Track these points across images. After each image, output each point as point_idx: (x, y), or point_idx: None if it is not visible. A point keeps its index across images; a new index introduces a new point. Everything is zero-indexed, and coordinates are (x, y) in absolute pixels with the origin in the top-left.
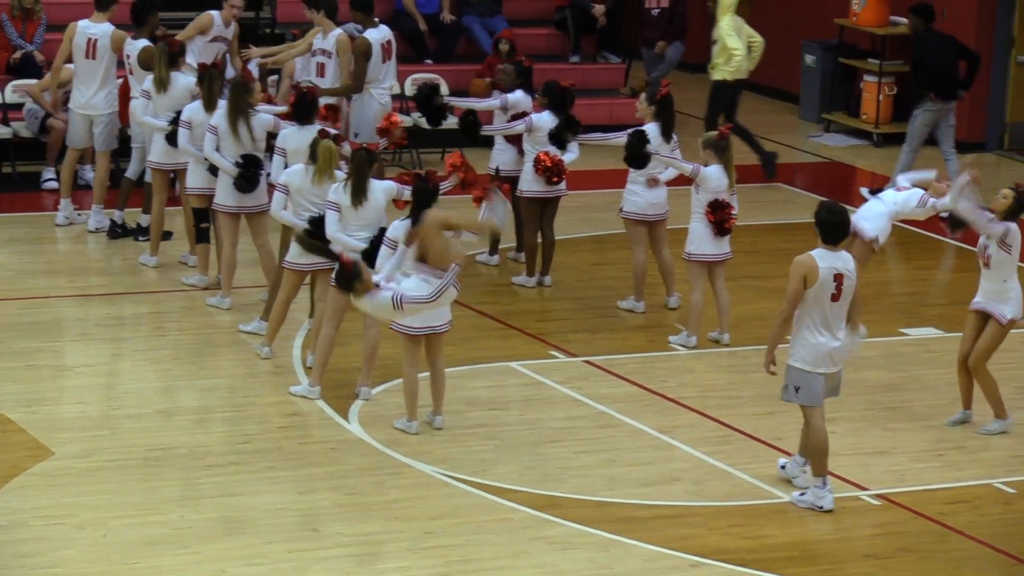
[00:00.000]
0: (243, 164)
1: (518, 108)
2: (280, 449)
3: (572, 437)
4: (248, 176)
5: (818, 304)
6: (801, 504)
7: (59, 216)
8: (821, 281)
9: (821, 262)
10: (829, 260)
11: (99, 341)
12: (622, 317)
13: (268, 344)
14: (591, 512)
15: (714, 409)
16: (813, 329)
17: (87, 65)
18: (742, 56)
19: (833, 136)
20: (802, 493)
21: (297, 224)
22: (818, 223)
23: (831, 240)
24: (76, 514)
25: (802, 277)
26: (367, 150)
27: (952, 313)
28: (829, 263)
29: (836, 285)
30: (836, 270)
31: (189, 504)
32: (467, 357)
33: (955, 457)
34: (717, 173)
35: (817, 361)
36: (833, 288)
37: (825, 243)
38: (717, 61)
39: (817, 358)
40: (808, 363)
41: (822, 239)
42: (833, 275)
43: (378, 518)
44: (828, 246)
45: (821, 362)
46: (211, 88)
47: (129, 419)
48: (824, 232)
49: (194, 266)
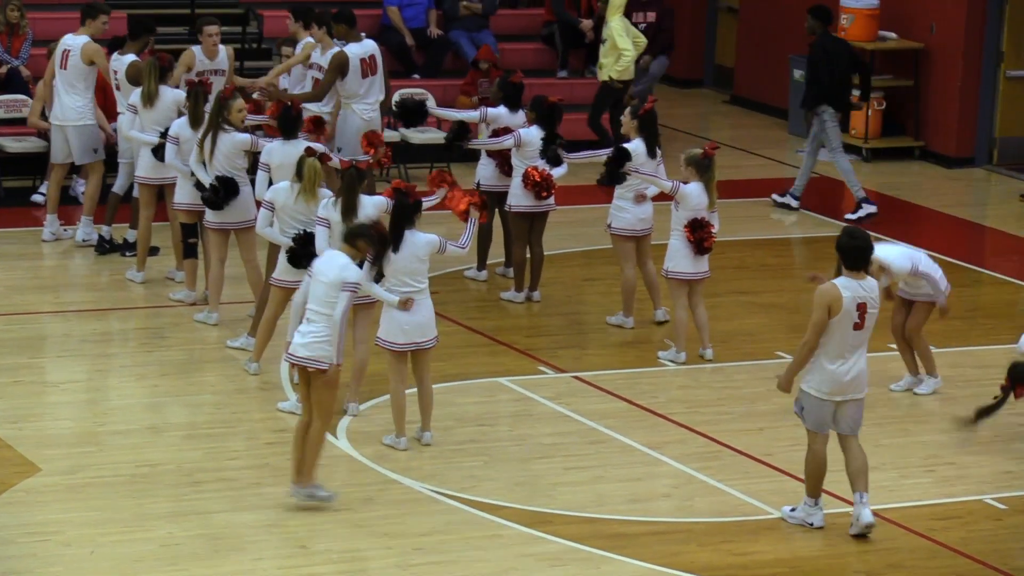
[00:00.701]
0: (216, 183)
1: (498, 123)
2: (268, 465)
3: (561, 453)
4: (217, 192)
5: (838, 332)
6: (791, 520)
7: (45, 232)
8: (845, 310)
9: (845, 291)
10: (853, 288)
11: (86, 357)
12: (611, 333)
13: (256, 360)
14: (581, 528)
15: (703, 425)
16: (830, 357)
17: (60, 76)
18: (631, 57)
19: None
20: (793, 508)
21: (283, 241)
22: (839, 249)
23: (854, 266)
24: (63, 531)
25: (826, 307)
26: (357, 167)
27: (942, 328)
28: (853, 291)
29: (859, 314)
30: (859, 299)
31: (177, 521)
32: (455, 373)
33: (946, 472)
34: (697, 191)
35: (831, 390)
36: (856, 317)
37: (848, 270)
38: (605, 61)
39: (831, 386)
40: (820, 391)
41: (845, 266)
42: (856, 304)
43: (367, 535)
44: (851, 273)
45: (834, 390)
46: (196, 105)
47: (116, 435)
48: (846, 258)
49: (181, 282)
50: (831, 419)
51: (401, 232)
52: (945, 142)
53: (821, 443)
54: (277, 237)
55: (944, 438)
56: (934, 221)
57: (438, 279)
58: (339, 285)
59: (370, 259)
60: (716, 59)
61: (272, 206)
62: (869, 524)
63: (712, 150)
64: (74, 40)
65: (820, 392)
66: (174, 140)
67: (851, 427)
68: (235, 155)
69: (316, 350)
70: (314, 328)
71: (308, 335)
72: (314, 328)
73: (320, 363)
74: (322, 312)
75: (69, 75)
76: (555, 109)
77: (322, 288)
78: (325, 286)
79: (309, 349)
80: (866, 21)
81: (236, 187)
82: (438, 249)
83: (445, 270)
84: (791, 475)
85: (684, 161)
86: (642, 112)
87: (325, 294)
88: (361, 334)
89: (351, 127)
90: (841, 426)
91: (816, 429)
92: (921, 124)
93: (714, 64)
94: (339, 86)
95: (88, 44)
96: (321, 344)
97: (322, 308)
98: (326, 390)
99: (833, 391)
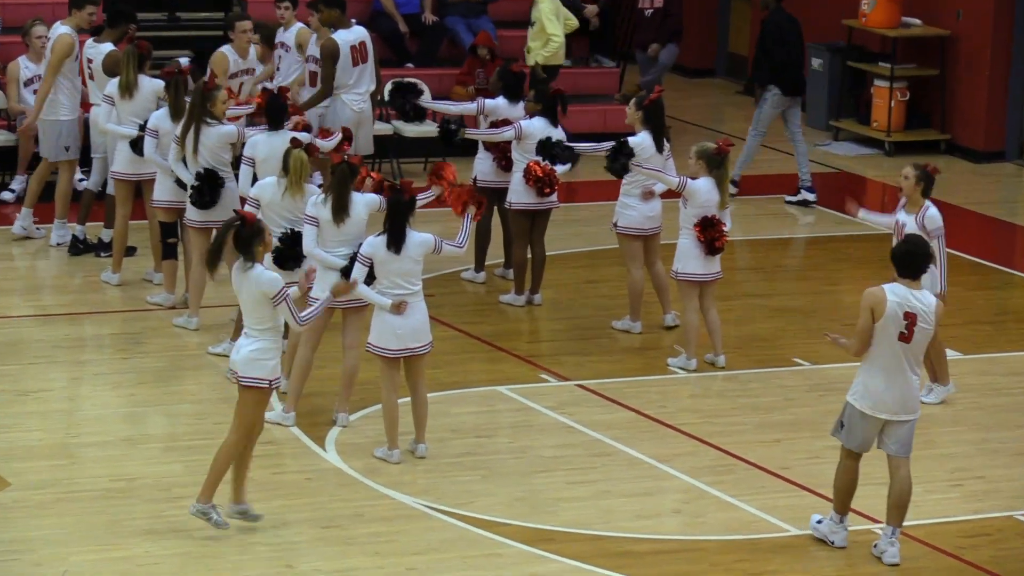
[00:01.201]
0: (200, 179)
1: (497, 115)
2: (252, 480)
3: (564, 466)
4: (201, 191)
5: (884, 341)
6: (815, 532)
7: (15, 225)
8: (888, 316)
9: (891, 296)
10: (902, 296)
11: (58, 364)
12: (617, 338)
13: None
14: (585, 547)
15: (715, 436)
16: (876, 368)
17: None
18: (561, 43)
19: (842, 145)
20: (820, 520)
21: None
22: (892, 256)
23: (907, 274)
24: (34, 549)
25: (869, 309)
26: (349, 163)
27: (969, 333)
28: (901, 298)
29: (907, 324)
30: (908, 308)
31: (154, 538)
32: (452, 381)
33: (974, 487)
34: (706, 187)
35: (873, 404)
36: (903, 327)
37: (901, 277)
38: (532, 45)
39: (874, 401)
40: (864, 405)
41: (897, 273)
42: (904, 312)
43: (357, 553)
44: (904, 280)
45: (877, 406)
46: (177, 96)
47: (91, 447)
48: (897, 264)
49: (159, 284)
50: (875, 438)
51: (402, 231)
52: (973, 135)
53: (855, 458)
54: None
55: (972, 450)
56: (961, 219)
57: (433, 281)
58: (267, 301)
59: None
60: (729, 47)
61: (258, 203)
62: (892, 565)
63: (727, 147)
64: (55, 30)
65: (863, 406)
66: (153, 133)
67: (898, 449)
68: (221, 148)
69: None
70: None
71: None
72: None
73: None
74: (256, 328)
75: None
76: (560, 99)
77: (250, 304)
78: (253, 303)
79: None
80: (889, 6)
81: (221, 181)
82: (433, 249)
83: (441, 271)
84: (809, 489)
85: (694, 154)
86: (647, 103)
87: (255, 310)
88: (351, 339)
89: (341, 118)
90: (889, 447)
91: (848, 445)
92: (947, 116)
93: (727, 52)
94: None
95: (62, 35)
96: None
97: (257, 324)
98: (252, 405)
99: (876, 407)
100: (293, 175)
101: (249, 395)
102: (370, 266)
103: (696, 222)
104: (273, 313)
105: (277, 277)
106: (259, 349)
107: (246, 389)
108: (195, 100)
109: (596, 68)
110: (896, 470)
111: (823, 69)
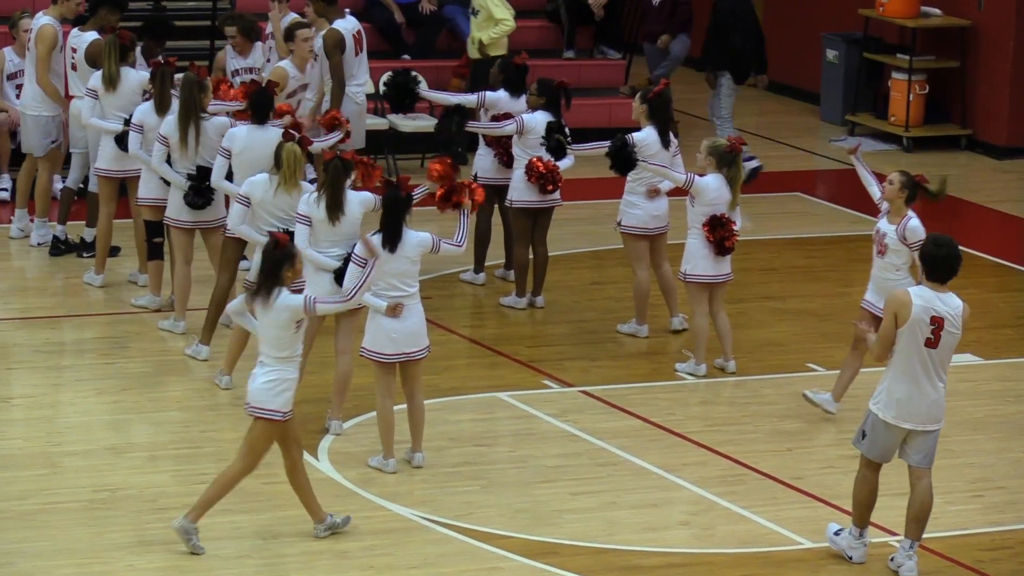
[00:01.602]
0: (195, 177)
1: (498, 108)
2: (241, 490)
3: (568, 477)
4: (200, 190)
5: (909, 347)
6: (832, 544)
7: (13, 228)
8: (913, 320)
9: (917, 299)
10: (928, 299)
11: (39, 369)
12: (623, 342)
13: (228, 373)
14: (589, 560)
15: (726, 445)
16: (900, 376)
17: (27, 60)
18: (512, 26)
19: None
20: (839, 531)
21: (258, 239)
22: (922, 258)
23: (936, 277)
24: (13, 562)
25: (893, 314)
26: (342, 159)
27: (990, 338)
28: (927, 302)
29: (933, 329)
30: (935, 312)
31: (139, 552)
32: (450, 387)
33: (995, 498)
34: (714, 184)
35: (896, 414)
36: (928, 332)
37: (929, 280)
38: (479, 35)
39: (897, 410)
40: (887, 414)
41: (927, 276)
42: (930, 316)
43: (351, 567)
44: (933, 284)
45: (900, 415)
46: (163, 88)
47: (73, 457)
48: (927, 268)
49: (144, 285)
50: (897, 449)
51: (398, 228)
52: (995, 130)
53: (875, 469)
54: (253, 236)
55: (993, 460)
56: (982, 218)
57: (430, 282)
58: (292, 325)
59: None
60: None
61: (248, 201)
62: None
63: (740, 144)
64: (36, 20)
65: (887, 416)
66: (138, 128)
67: (921, 459)
68: (217, 143)
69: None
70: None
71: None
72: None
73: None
74: (274, 355)
75: (31, 59)
76: (563, 92)
77: (273, 331)
78: (276, 329)
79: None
80: None
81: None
82: (431, 248)
83: (438, 272)
84: (824, 501)
85: (705, 150)
86: (652, 95)
87: (277, 337)
88: (344, 344)
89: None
90: (911, 457)
91: (870, 455)
92: (968, 110)
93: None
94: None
95: (44, 25)
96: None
97: (276, 351)
98: (263, 438)
99: (899, 416)
100: (287, 170)
101: (259, 427)
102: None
103: (704, 221)
104: (294, 339)
105: (299, 296)
106: (275, 380)
107: (258, 421)
108: (191, 94)
109: (601, 60)
110: (918, 481)
111: (838, 61)
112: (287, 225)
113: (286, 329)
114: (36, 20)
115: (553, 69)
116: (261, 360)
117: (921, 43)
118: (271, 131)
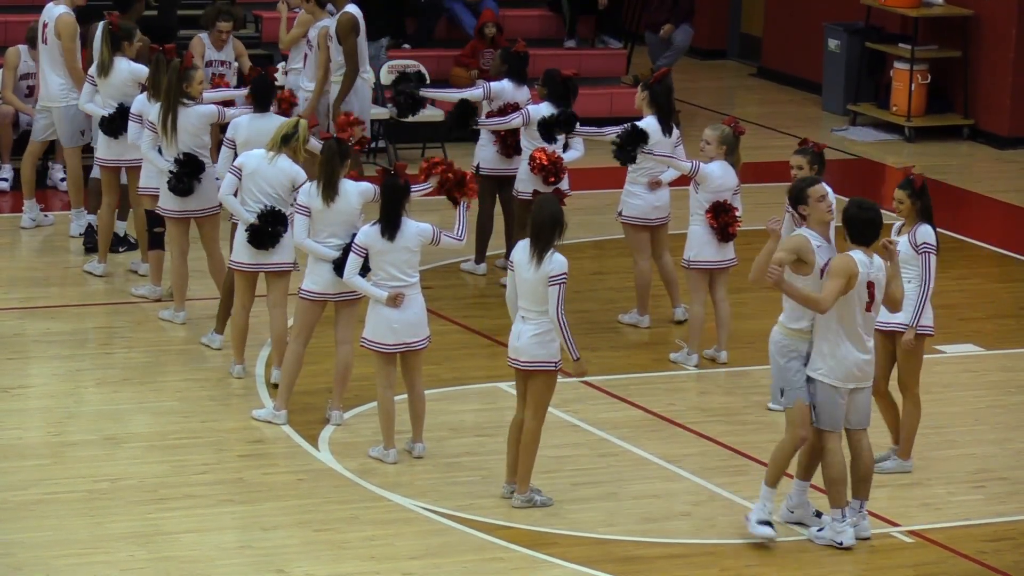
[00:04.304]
0: (179, 164)
1: (503, 99)
2: (242, 480)
3: (569, 467)
4: (180, 176)
5: (852, 312)
6: (820, 542)
7: (24, 218)
8: (857, 287)
9: (861, 267)
10: (866, 264)
11: (39, 359)
12: (624, 332)
13: (240, 362)
14: (590, 551)
15: (726, 436)
16: (844, 339)
17: (43, 52)
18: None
19: (860, 130)
20: (820, 529)
21: (243, 214)
22: (845, 221)
23: (863, 240)
24: (13, 552)
25: (846, 276)
26: (338, 140)
27: (992, 328)
28: (865, 268)
29: (869, 293)
30: (870, 277)
31: (139, 542)
32: (451, 377)
33: (997, 489)
34: (719, 171)
35: (845, 375)
36: (867, 296)
37: (856, 243)
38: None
39: (846, 372)
40: (836, 378)
41: (851, 239)
42: (867, 282)
43: (352, 557)
44: (861, 247)
45: (851, 377)
46: (157, 74)
47: (72, 447)
48: (854, 231)
49: (145, 275)
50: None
51: (397, 216)
52: (997, 120)
53: (837, 441)
54: (239, 210)
55: (995, 450)
56: (984, 208)
57: (431, 272)
58: (545, 281)
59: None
60: (742, 27)
61: (240, 172)
62: (864, 538)
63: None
64: (51, 11)
65: (835, 379)
66: (137, 118)
67: (860, 419)
68: (201, 131)
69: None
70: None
71: (522, 336)
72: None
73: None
74: (533, 309)
75: (51, 51)
76: (569, 84)
77: (528, 286)
78: (531, 283)
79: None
80: None
81: (201, 166)
82: (431, 240)
83: (439, 262)
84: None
85: (715, 140)
86: (652, 81)
87: (532, 291)
88: (344, 334)
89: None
90: (850, 419)
91: (832, 427)
92: (971, 100)
93: (739, 33)
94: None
95: (62, 16)
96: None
97: (532, 305)
98: (546, 389)
99: (847, 377)
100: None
101: (541, 380)
102: (365, 256)
103: (708, 208)
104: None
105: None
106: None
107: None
108: (171, 80)
109: (603, 49)
110: (858, 443)
111: (840, 50)
112: (274, 203)
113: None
114: (51, 11)
115: (554, 58)
116: (522, 315)
117: (923, 32)
118: (273, 119)
